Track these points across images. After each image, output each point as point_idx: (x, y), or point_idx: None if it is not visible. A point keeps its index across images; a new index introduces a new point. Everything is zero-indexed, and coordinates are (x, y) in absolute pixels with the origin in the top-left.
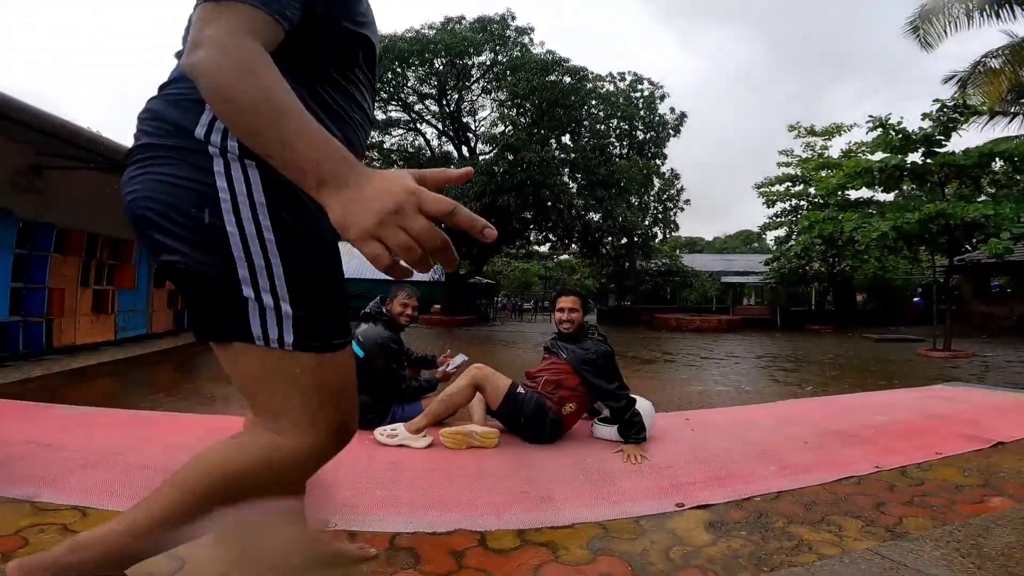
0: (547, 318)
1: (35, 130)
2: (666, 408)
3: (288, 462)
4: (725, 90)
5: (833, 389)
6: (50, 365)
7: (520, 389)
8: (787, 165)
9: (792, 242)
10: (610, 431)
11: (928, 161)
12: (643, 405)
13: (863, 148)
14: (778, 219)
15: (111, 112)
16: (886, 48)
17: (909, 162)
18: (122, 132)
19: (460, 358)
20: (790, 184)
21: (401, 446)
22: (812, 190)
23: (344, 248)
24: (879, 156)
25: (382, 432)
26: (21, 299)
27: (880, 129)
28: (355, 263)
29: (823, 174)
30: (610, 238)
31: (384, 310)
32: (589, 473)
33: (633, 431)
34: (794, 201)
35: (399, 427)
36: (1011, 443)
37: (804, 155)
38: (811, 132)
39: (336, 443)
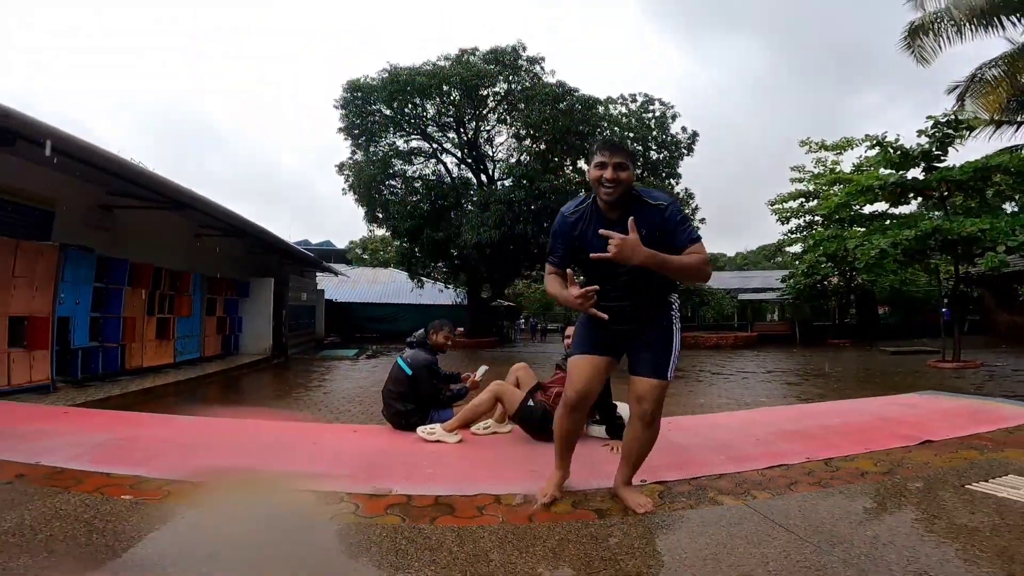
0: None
1: (106, 171)
2: (665, 418)
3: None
4: (747, 101)
5: (831, 398)
6: (125, 385)
7: (531, 402)
8: (800, 181)
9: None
10: (600, 430)
11: (928, 177)
12: (625, 410)
13: (871, 163)
14: (793, 235)
15: (116, 114)
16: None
17: (910, 178)
18: (150, 154)
19: (483, 369)
20: (804, 200)
21: (438, 442)
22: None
23: (371, 275)
24: (884, 171)
25: (423, 429)
26: (99, 327)
27: (878, 147)
28: (379, 288)
29: (834, 189)
30: None
31: (428, 340)
32: (580, 459)
33: (618, 431)
34: (808, 217)
35: (436, 427)
36: (937, 441)
37: (816, 170)
38: (822, 147)
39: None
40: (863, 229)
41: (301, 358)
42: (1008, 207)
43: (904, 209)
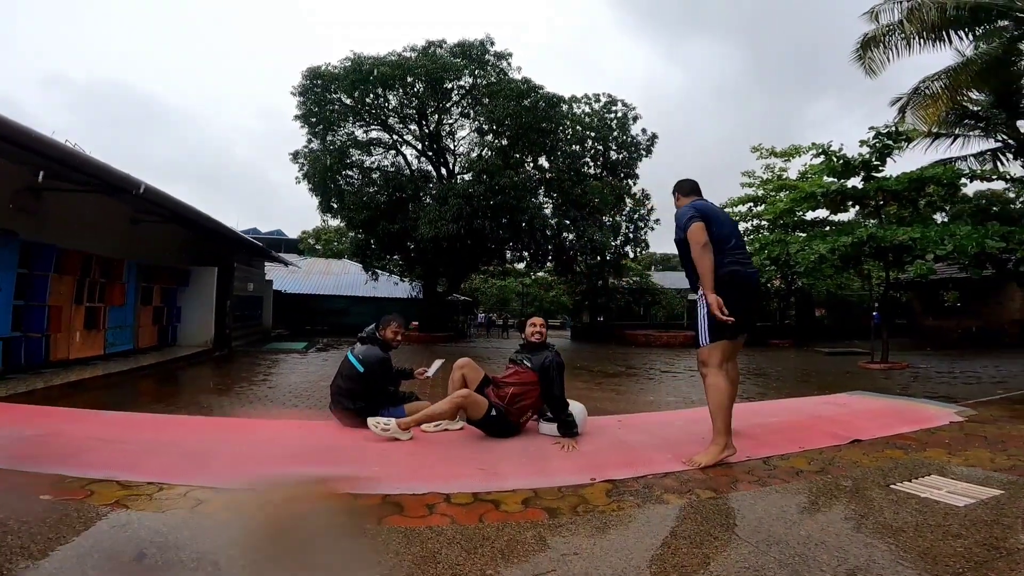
0: (518, 336)
1: (35, 152)
2: (615, 417)
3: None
4: (705, 105)
5: (771, 396)
6: (50, 378)
7: (493, 412)
8: (749, 186)
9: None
10: (551, 427)
11: (866, 185)
12: (576, 408)
13: (815, 171)
14: None
15: (47, 89)
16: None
17: (850, 186)
18: (81, 133)
19: (438, 363)
20: (752, 204)
21: (393, 439)
22: None
23: (323, 266)
24: (827, 179)
25: (376, 423)
26: (22, 316)
27: (823, 156)
28: (331, 280)
29: (780, 195)
30: (583, 257)
31: (378, 335)
32: (531, 457)
33: (567, 428)
34: (755, 221)
35: (392, 422)
36: (865, 440)
37: (765, 176)
38: (772, 153)
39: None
40: (804, 235)
41: (246, 351)
42: (939, 217)
43: (842, 217)
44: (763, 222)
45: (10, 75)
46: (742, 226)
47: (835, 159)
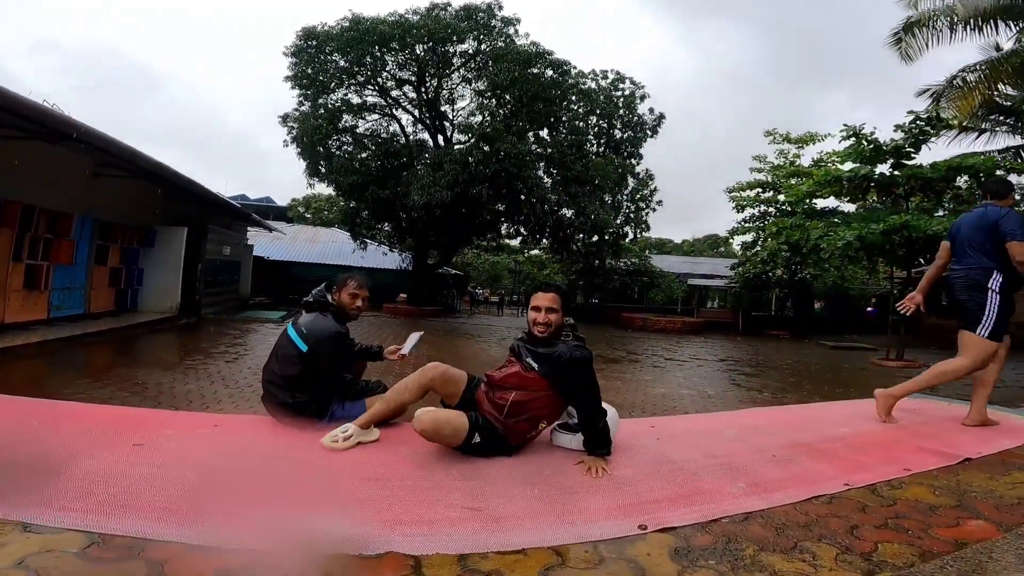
0: (516, 312)
1: None
2: (630, 411)
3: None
4: (715, 90)
5: (792, 396)
6: None
7: (477, 438)
8: (759, 171)
9: (759, 247)
10: (571, 439)
11: (895, 173)
12: (609, 414)
13: (834, 158)
14: (746, 224)
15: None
16: (881, 55)
17: (877, 173)
18: (71, 99)
19: (415, 337)
20: (760, 190)
21: (358, 444)
22: (781, 197)
23: (310, 234)
24: (849, 166)
25: (334, 438)
26: None
27: (853, 138)
28: (318, 248)
29: (792, 182)
30: (581, 235)
31: (331, 299)
32: (545, 487)
33: (599, 444)
34: (763, 207)
35: (349, 427)
36: (977, 459)
37: (777, 162)
38: (786, 139)
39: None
40: (823, 222)
41: (218, 319)
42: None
43: (848, 207)
44: (770, 208)
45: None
46: (748, 211)
47: (866, 142)
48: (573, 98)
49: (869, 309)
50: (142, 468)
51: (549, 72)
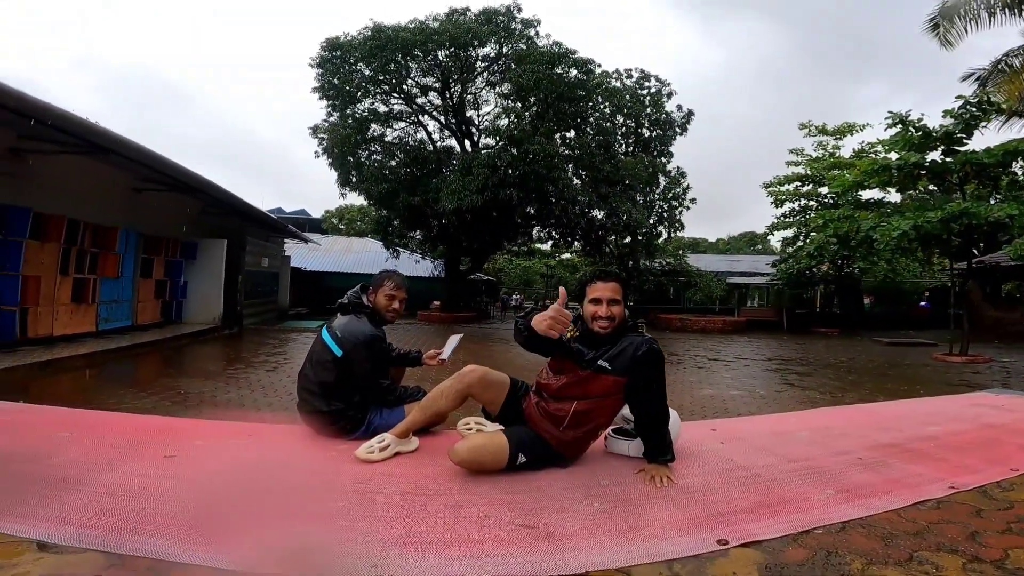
0: None
1: (17, 112)
2: (679, 414)
3: None
4: (743, 84)
5: (853, 395)
6: (22, 356)
7: (523, 458)
8: (797, 164)
9: (802, 242)
10: (630, 446)
11: (948, 160)
12: (671, 418)
13: (876, 147)
14: (786, 219)
15: (73, 74)
16: (918, 43)
17: (928, 160)
18: (106, 115)
19: (455, 340)
20: (799, 184)
21: (396, 455)
22: (823, 190)
23: (345, 244)
24: (895, 155)
25: (370, 449)
26: None
27: (900, 126)
28: (352, 258)
29: (834, 173)
30: (613, 236)
31: (365, 300)
32: (605, 499)
33: (661, 451)
34: (803, 201)
35: (386, 436)
36: None
37: (815, 154)
38: (823, 131)
39: None
40: (873, 213)
41: (258, 329)
42: None
43: (896, 197)
44: (811, 202)
45: (37, 57)
46: (787, 206)
47: (913, 129)
48: (599, 98)
49: (922, 304)
50: (169, 482)
51: (573, 72)
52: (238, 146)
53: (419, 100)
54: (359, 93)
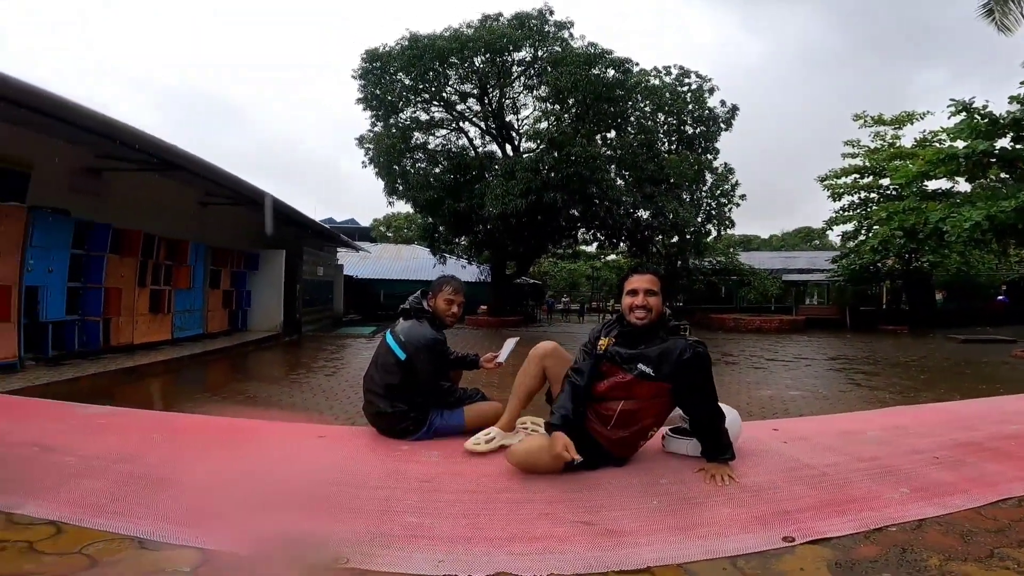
0: (595, 320)
1: (94, 132)
2: (764, 421)
3: None
4: (789, 75)
5: (926, 394)
6: (106, 363)
7: (575, 458)
8: (854, 156)
9: (864, 236)
10: (688, 445)
11: (1019, 146)
12: (729, 416)
13: (940, 136)
14: (845, 213)
15: (132, 93)
16: (978, 27)
17: (998, 148)
18: (164, 131)
19: (511, 343)
20: (858, 176)
21: (500, 447)
22: (884, 181)
23: (394, 251)
24: (961, 144)
25: (476, 442)
26: (78, 299)
27: (964, 114)
28: (401, 265)
29: (895, 164)
30: (660, 236)
31: (426, 305)
32: (664, 497)
33: (720, 450)
34: (863, 194)
35: (492, 430)
36: None
37: (873, 145)
38: (879, 121)
39: None
40: (941, 204)
41: (315, 336)
42: None
43: (965, 187)
44: (872, 194)
45: (100, 77)
46: (847, 199)
47: (979, 116)
48: (638, 97)
49: (999, 298)
50: (252, 481)
51: (611, 72)
52: (286, 157)
53: (459, 107)
54: (400, 102)
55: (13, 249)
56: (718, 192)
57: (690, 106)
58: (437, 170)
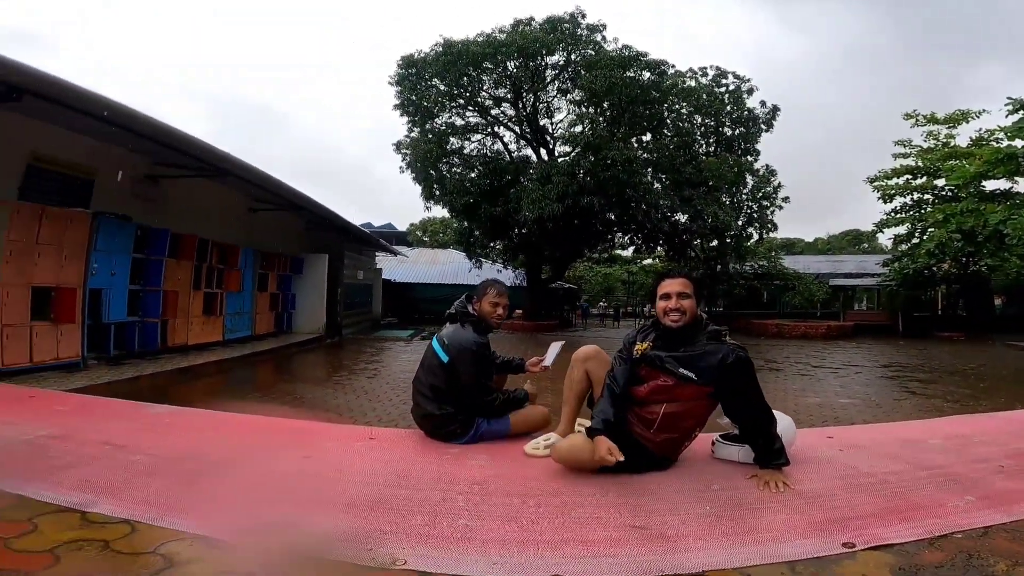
0: (630, 324)
1: (153, 140)
2: (817, 428)
3: None
4: (832, 73)
5: (986, 403)
6: (163, 363)
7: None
8: (905, 156)
9: (918, 239)
10: (739, 451)
11: None
12: (783, 423)
13: (997, 135)
14: (897, 215)
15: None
16: None
17: None
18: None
19: (556, 347)
20: (910, 177)
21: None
22: (939, 182)
23: (430, 256)
24: (1020, 143)
25: (536, 446)
26: (138, 301)
27: (1022, 111)
28: (437, 269)
29: (950, 164)
30: (699, 240)
31: (471, 309)
32: (716, 502)
33: (773, 455)
34: (916, 195)
35: (552, 435)
36: None
37: (926, 144)
38: (932, 120)
39: None
40: (1001, 205)
41: (355, 338)
42: None
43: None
44: (926, 195)
45: (154, 89)
46: (898, 201)
47: None
48: (674, 98)
49: None
50: (312, 480)
51: (646, 74)
52: (324, 163)
53: (493, 111)
54: (436, 108)
55: (79, 253)
56: (760, 195)
57: (728, 107)
58: (473, 175)
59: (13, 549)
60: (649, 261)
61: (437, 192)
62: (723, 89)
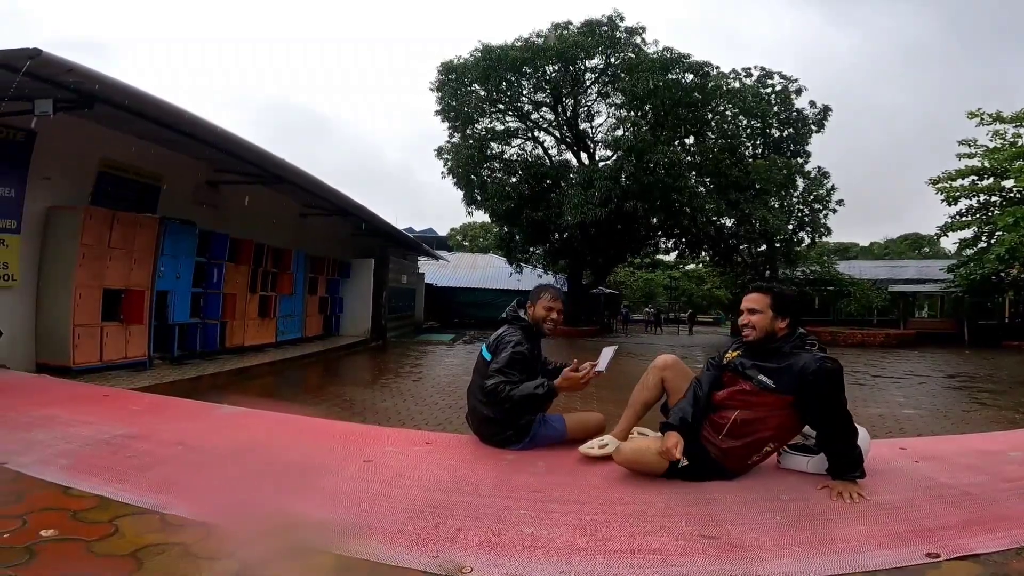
0: (675, 330)
1: (215, 147)
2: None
3: None
4: (888, 71)
5: None
6: (223, 363)
7: (683, 460)
8: (971, 156)
9: (985, 243)
10: (809, 462)
11: None
12: (859, 435)
13: None
14: (962, 218)
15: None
16: None
17: None
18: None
19: (609, 351)
20: (976, 178)
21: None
22: (1008, 183)
23: (471, 260)
24: None
25: (591, 447)
26: (200, 302)
27: None
28: (478, 274)
29: (1020, 165)
30: (746, 245)
31: (522, 314)
32: (788, 513)
33: (849, 466)
34: (983, 197)
35: (607, 438)
36: None
37: (992, 144)
38: (998, 118)
39: None
40: None
41: (399, 342)
42: None
43: None
44: (994, 197)
45: (206, 97)
46: (964, 203)
47: None
48: (719, 100)
49: None
50: (374, 485)
51: (689, 76)
52: (368, 168)
53: (533, 116)
54: (476, 113)
55: (148, 257)
56: (811, 198)
57: (775, 108)
58: (513, 179)
59: (95, 553)
60: (692, 266)
61: (479, 197)
62: (769, 90)
